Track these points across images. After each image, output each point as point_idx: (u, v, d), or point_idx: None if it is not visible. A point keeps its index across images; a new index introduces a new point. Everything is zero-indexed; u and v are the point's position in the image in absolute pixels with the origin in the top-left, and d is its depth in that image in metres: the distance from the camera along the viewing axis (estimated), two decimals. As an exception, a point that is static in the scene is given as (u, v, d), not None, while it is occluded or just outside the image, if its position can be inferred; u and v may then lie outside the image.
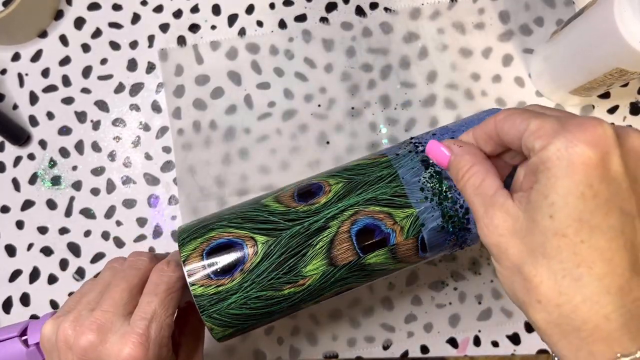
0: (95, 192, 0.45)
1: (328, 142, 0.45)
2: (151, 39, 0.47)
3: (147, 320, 0.26)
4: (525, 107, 0.26)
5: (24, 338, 0.30)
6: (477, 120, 0.34)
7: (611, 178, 0.20)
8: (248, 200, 0.33)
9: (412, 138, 0.34)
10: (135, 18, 0.47)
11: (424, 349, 0.42)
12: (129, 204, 0.45)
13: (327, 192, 0.29)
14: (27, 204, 0.45)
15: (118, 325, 0.26)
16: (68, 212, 0.44)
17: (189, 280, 0.29)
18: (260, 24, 0.47)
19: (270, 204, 0.30)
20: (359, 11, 0.47)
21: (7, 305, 0.43)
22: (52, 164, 0.45)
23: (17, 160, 0.45)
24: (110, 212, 0.44)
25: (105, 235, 0.44)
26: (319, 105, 0.45)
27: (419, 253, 0.31)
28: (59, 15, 0.47)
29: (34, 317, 0.43)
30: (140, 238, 0.44)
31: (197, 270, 0.29)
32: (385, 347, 0.42)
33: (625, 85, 0.45)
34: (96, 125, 0.46)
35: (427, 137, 0.33)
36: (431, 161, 0.31)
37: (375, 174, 0.30)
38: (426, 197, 0.30)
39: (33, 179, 0.45)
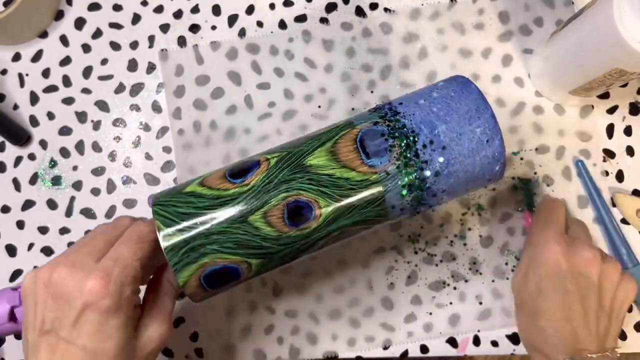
0: (95, 192, 0.45)
1: (328, 142, 0.45)
2: (151, 39, 0.47)
3: (112, 260, 0.29)
4: None
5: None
6: (439, 88, 0.34)
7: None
8: (228, 203, 0.31)
9: (401, 145, 0.32)
10: (136, 18, 0.47)
11: (424, 348, 0.42)
12: (129, 204, 0.45)
13: (318, 217, 0.31)
14: (28, 204, 0.45)
15: (89, 265, 0.28)
16: (68, 212, 0.45)
17: (191, 299, 0.31)
18: (260, 24, 0.47)
19: (262, 227, 0.31)
20: (359, 11, 0.47)
21: (8, 305, 0.43)
22: (53, 164, 0.45)
23: (18, 160, 0.45)
24: (110, 212, 0.44)
25: (106, 235, 0.44)
26: (319, 106, 0.45)
27: None
28: (59, 15, 0.47)
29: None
30: (141, 238, 0.44)
31: (197, 291, 0.31)
32: (385, 347, 0.42)
33: (625, 85, 0.45)
34: (96, 125, 0.46)
35: (411, 117, 0.32)
36: (415, 182, 0.32)
37: (365, 199, 0.31)
38: (402, 210, 0.33)
39: (33, 179, 0.45)
